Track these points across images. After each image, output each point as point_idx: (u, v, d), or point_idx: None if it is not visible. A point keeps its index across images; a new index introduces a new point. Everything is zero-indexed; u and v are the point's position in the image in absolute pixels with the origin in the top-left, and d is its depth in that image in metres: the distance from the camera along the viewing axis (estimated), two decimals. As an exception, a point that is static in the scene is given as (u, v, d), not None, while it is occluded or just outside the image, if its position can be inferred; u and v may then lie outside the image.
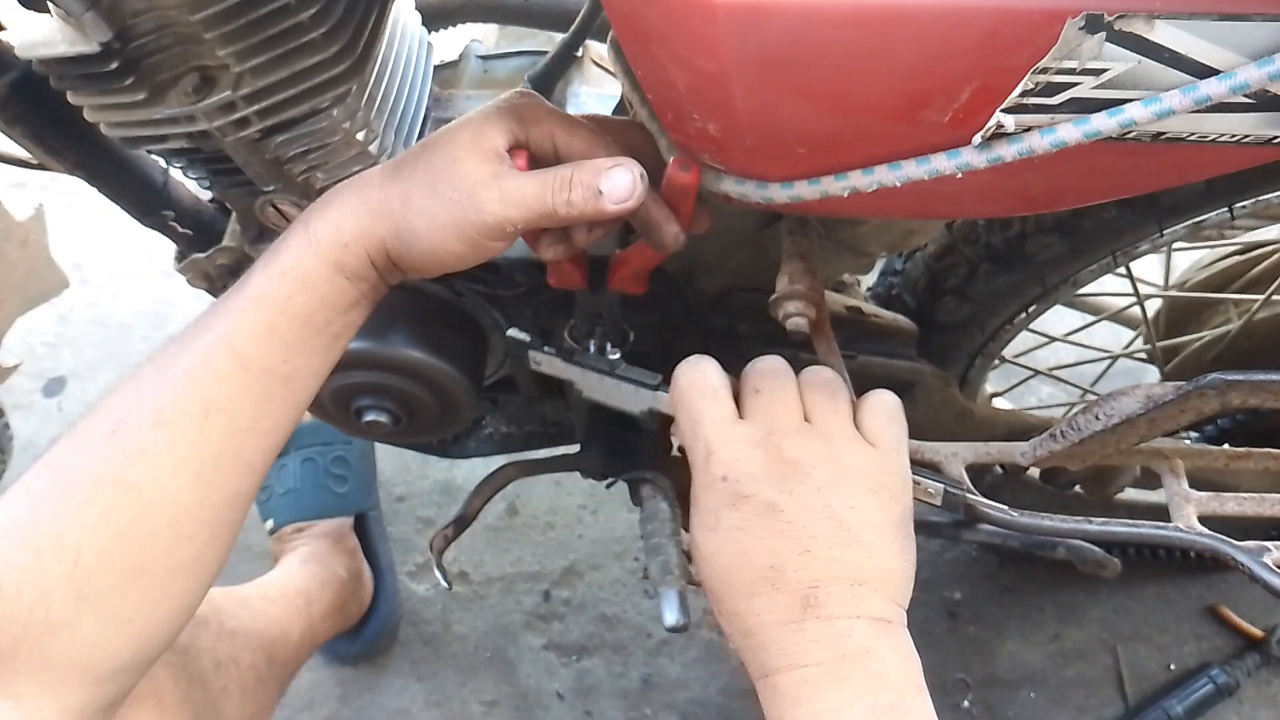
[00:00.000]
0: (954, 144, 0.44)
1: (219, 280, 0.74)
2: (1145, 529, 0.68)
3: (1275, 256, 0.94)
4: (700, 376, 0.54)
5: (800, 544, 0.48)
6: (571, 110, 0.74)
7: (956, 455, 0.73)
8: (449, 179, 0.50)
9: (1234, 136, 0.42)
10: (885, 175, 0.46)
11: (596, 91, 0.77)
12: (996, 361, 0.93)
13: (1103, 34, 0.37)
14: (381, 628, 1.16)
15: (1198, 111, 0.39)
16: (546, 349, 0.64)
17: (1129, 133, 0.41)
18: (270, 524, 1.14)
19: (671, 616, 0.63)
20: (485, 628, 1.20)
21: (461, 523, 0.85)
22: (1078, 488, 0.93)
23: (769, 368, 0.54)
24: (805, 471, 0.49)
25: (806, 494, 0.49)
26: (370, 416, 0.73)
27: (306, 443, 1.16)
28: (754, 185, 0.51)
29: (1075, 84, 0.40)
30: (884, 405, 0.53)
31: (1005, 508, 0.70)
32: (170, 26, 0.52)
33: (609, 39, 0.54)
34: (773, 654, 0.48)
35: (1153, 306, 1.03)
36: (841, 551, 0.48)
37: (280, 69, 0.54)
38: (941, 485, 0.58)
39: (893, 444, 0.52)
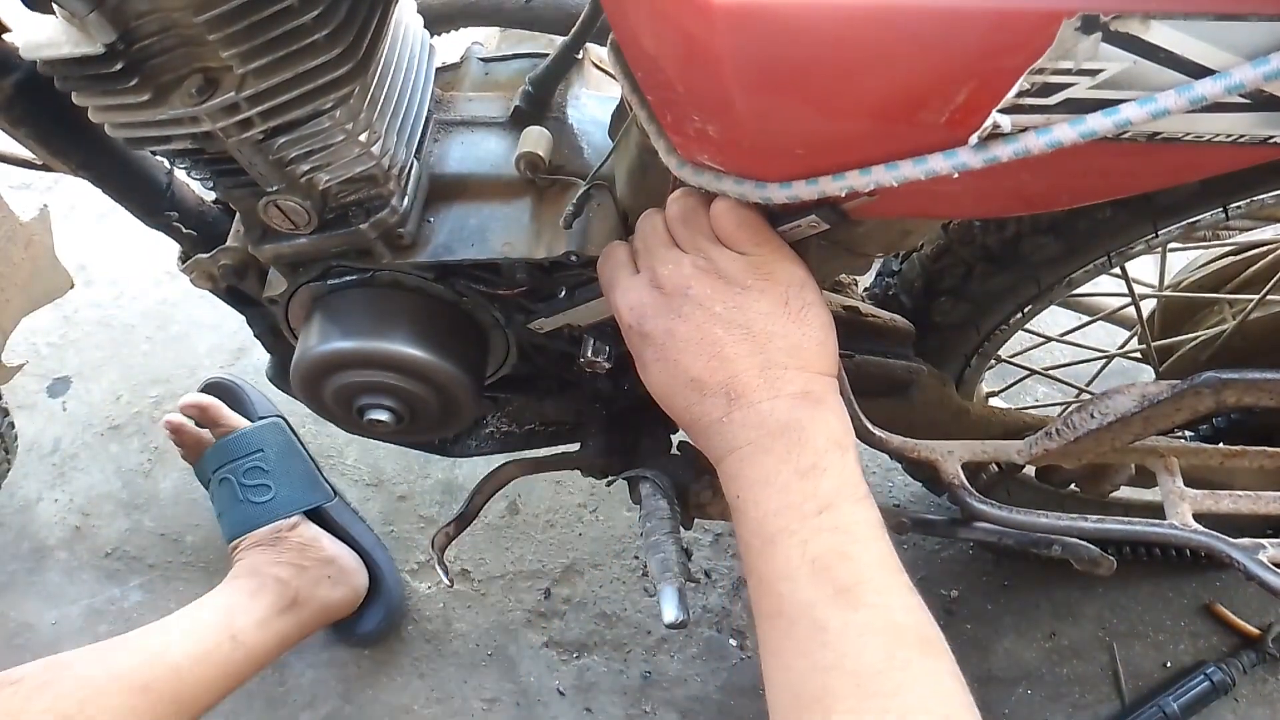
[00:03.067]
0: (950, 144, 0.44)
1: (222, 280, 0.74)
2: (1141, 526, 0.69)
3: (1270, 257, 0.94)
4: (607, 255, 0.61)
5: (705, 353, 0.54)
6: (571, 113, 0.74)
7: (953, 453, 0.73)
8: None
9: (1229, 137, 0.42)
10: (882, 175, 0.46)
11: (597, 94, 0.77)
12: (992, 361, 0.93)
13: (1098, 34, 0.37)
14: (390, 603, 1.18)
15: (1193, 112, 0.39)
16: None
17: (1124, 133, 0.41)
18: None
19: (671, 613, 0.64)
20: (486, 625, 1.21)
21: (463, 521, 0.85)
22: (1073, 486, 0.94)
23: (643, 226, 0.59)
24: (683, 294, 0.54)
25: (692, 311, 0.54)
26: (372, 415, 0.74)
27: (218, 464, 1.16)
28: (753, 185, 0.51)
29: (1071, 84, 0.40)
30: (724, 211, 0.55)
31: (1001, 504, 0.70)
32: (174, 28, 0.53)
33: (609, 42, 0.55)
34: (716, 444, 0.55)
35: (1148, 307, 1.03)
36: (741, 347, 0.53)
37: (283, 70, 0.55)
38: (811, 215, 0.55)
39: (748, 238, 0.55)
